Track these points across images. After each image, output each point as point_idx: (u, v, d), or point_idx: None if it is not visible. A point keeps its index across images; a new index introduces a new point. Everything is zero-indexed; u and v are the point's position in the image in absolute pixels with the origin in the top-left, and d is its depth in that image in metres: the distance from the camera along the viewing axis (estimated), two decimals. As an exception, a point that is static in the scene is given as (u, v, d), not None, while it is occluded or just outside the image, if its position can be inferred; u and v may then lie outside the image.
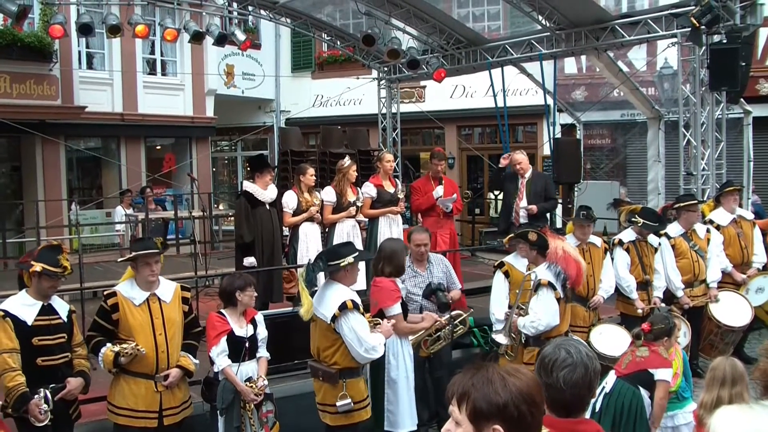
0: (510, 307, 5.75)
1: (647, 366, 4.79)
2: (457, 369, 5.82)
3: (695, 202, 7.55)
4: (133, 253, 4.75)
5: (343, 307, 4.71)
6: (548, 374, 2.44)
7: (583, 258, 6.36)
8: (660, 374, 4.78)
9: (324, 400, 4.89)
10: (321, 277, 5.02)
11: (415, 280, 6.08)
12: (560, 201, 10.54)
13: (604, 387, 4.70)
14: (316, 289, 4.93)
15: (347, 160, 7.98)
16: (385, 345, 5.14)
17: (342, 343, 4.77)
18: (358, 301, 4.85)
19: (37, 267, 4.45)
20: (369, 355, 4.79)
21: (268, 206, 7.48)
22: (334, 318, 4.72)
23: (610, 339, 6.53)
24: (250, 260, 7.36)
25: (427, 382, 6.06)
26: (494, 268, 6.13)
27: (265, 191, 7.44)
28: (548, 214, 8.86)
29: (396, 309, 5.30)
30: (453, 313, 5.87)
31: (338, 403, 4.78)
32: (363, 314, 4.86)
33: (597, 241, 6.95)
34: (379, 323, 5.07)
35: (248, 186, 7.47)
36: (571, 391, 2.41)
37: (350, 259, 4.87)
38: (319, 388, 4.93)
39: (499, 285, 5.92)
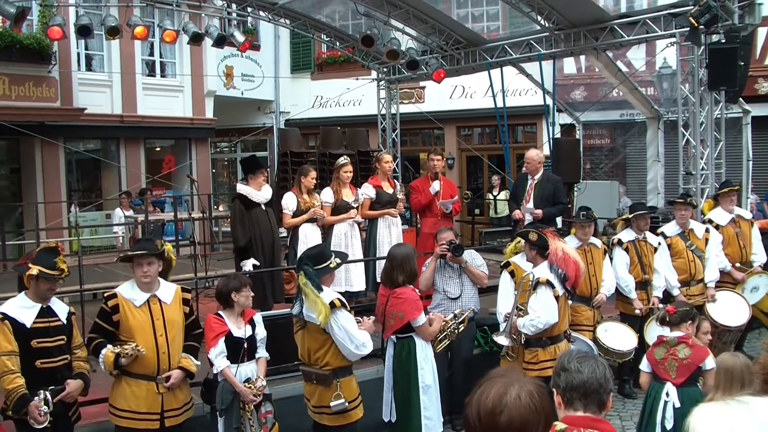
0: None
1: (697, 362, 4.87)
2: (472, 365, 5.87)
3: (681, 201, 7.57)
4: (128, 254, 4.76)
5: (332, 306, 4.71)
6: (564, 367, 2.61)
7: (584, 259, 6.42)
8: (708, 363, 4.82)
9: (320, 402, 4.88)
10: None
11: (444, 273, 6.47)
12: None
13: (666, 402, 4.80)
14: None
15: (340, 160, 7.96)
16: (415, 351, 5.27)
17: (332, 343, 4.77)
18: (344, 299, 4.90)
19: (34, 270, 4.45)
20: (360, 352, 4.80)
21: (263, 207, 7.35)
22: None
23: (616, 335, 6.68)
24: (248, 265, 7.22)
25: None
26: (501, 267, 6.14)
27: (259, 192, 7.28)
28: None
29: (423, 319, 5.34)
30: (456, 311, 5.89)
31: (332, 403, 4.78)
32: (351, 312, 4.89)
33: (597, 242, 6.99)
34: (360, 321, 5.09)
35: (242, 188, 7.35)
36: (588, 371, 2.54)
37: (337, 260, 4.95)
38: (313, 391, 4.92)
39: (506, 285, 5.93)
